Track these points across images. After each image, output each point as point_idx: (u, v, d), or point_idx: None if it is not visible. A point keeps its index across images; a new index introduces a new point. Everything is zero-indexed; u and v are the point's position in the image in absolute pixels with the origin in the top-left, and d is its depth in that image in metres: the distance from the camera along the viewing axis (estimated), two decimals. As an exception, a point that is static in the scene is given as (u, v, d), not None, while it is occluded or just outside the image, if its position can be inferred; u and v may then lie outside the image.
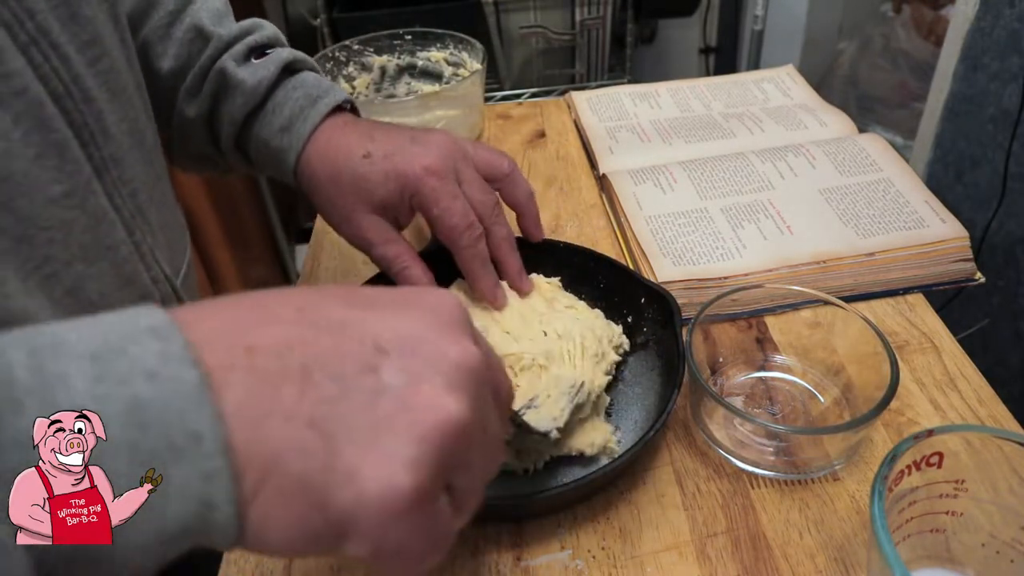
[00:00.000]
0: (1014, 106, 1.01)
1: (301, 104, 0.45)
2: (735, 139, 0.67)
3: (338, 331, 0.22)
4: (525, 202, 0.47)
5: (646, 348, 0.46)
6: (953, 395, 0.45)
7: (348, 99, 0.47)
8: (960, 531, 0.35)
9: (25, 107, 0.29)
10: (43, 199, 0.30)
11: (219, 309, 0.22)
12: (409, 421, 0.21)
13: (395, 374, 0.22)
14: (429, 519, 0.22)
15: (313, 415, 0.21)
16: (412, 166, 0.41)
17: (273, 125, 0.45)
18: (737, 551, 0.37)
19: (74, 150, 0.32)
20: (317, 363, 0.21)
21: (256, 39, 0.47)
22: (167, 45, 0.46)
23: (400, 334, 0.23)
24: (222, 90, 0.46)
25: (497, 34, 1.34)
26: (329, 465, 0.20)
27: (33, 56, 0.30)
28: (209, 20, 0.47)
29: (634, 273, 0.48)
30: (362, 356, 0.22)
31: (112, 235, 0.35)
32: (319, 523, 0.21)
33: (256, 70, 0.45)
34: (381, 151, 0.42)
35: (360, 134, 0.44)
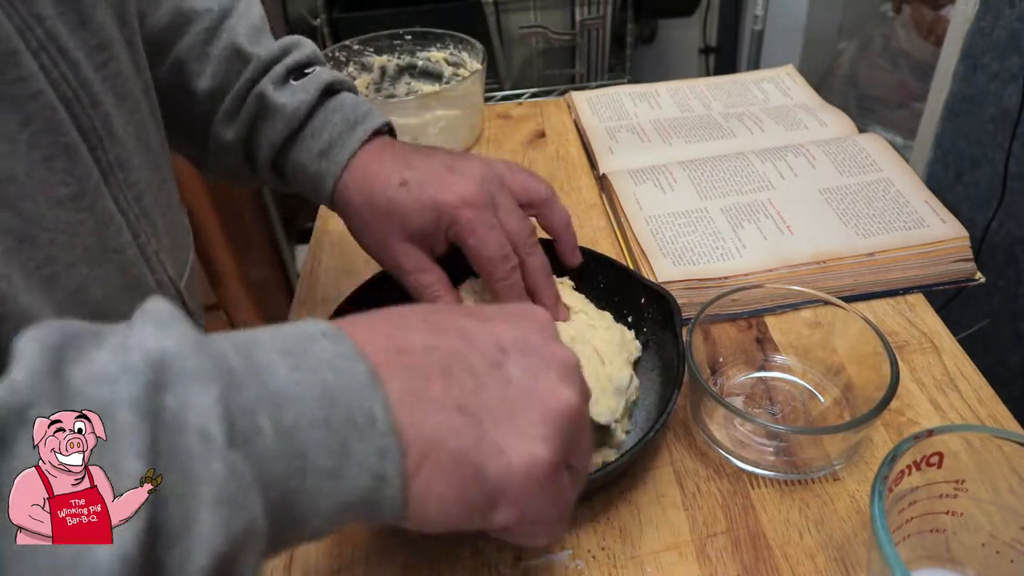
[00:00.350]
0: (1014, 106, 1.01)
1: (340, 129, 0.45)
2: (735, 139, 0.67)
3: (465, 335, 0.27)
4: (562, 229, 0.47)
5: (646, 348, 0.46)
6: (953, 395, 0.45)
7: (386, 122, 0.46)
8: (960, 531, 0.35)
9: (36, 110, 0.30)
10: (49, 201, 0.30)
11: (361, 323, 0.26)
12: (537, 405, 0.26)
13: (517, 368, 0.26)
14: (560, 489, 0.26)
15: (459, 402, 0.25)
16: (449, 196, 0.41)
17: (312, 150, 0.45)
18: (737, 551, 0.37)
19: (82, 153, 0.32)
20: (454, 360, 0.26)
21: (296, 59, 0.46)
22: (204, 64, 0.46)
23: (515, 337, 0.28)
24: (261, 114, 0.46)
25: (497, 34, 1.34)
26: (479, 442, 0.24)
27: (44, 61, 0.30)
28: (247, 38, 0.46)
29: (634, 273, 0.48)
30: (488, 354, 0.26)
31: (118, 238, 0.35)
32: (474, 492, 0.24)
33: (295, 93, 0.45)
34: (417, 180, 0.42)
35: (397, 161, 0.44)
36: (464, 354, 0.26)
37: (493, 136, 0.73)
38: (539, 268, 0.44)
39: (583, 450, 0.28)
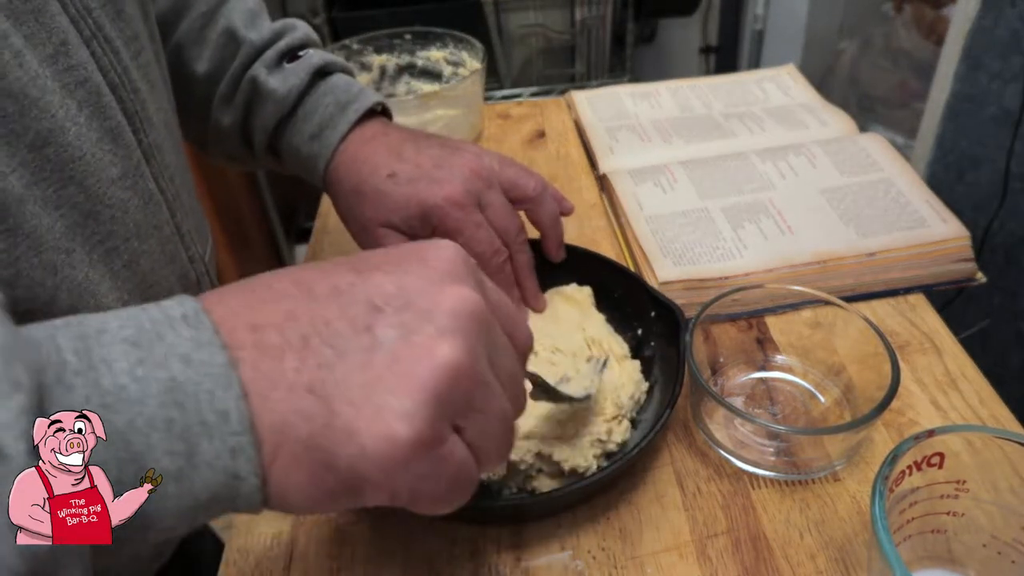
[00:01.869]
0: (1015, 106, 1.01)
1: (331, 111, 0.45)
2: (736, 139, 0.67)
3: (336, 296, 0.24)
4: (550, 225, 0.47)
5: (652, 361, 0.46)
6: (954, 395, 0.45)
7: (379, 101, 0.47)
8: (961, 532, 0.35)
9: (87, 95, 0.32)
10: (106, 179, 0.32)
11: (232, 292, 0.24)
12: (400, 373, 0.22)
13: (388, 330, 0.23)
14: (438, 463, 0.23)
15: (311, 381, 0.22)
16: (434, 196, 0.42)
17: (304, 132, 0.46)
18: (737, 552, 0.37)
19: (127, 136, 0.34)
20: (314, 331, 0.23)
21: (288, 43, 0.47)
22: (201, 48, 0.47)
23: (395, 290, 0.24)
24: (254, 98, 0.47)
25: (497, 33, 1.34)
26: (329, 426, 0.22)
27: (95, 49, 0.33)
28: (242, 22, 0.47)
29: (645, 283, 0.47)
30: (357, 318, 0.23)
31: (158, 215, 0.37)
32: (332, 481, 0.22)
33: (287, 77, 0.46)
34: (406, 174, 0.43)
35: (389, 150, 0.44)
36: (329, 321, 0.23)
37: (493, 136, 0.73)
38: (523, 265, 0.46)
39: (484, 410, 0.25)
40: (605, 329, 0.47)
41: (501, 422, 0.25)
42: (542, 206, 0.46)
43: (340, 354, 0.23)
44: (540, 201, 0.46)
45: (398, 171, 0.43)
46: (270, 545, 0.39)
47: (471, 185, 0.42)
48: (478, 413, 0.24)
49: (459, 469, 0.24)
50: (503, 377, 0.26)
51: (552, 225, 0.47)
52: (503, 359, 0.26)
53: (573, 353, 0.44)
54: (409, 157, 0.44)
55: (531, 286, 0.47)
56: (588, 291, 0.49)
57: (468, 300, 0.24)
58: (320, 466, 0.22)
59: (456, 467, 0.24)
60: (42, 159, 0.29)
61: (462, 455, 0.24)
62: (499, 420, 0.25)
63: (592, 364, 0.43)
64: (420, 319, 0.23)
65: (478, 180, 0.43)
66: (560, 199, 0.48)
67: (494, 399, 0.25)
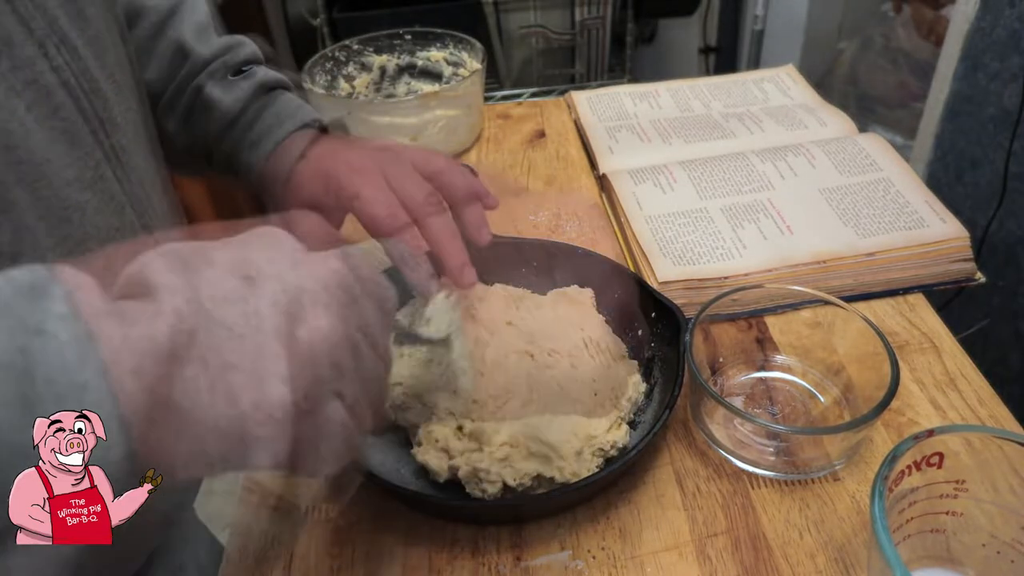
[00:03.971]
0: (1014, 106, 1.01)
1: (270, 123, 0.47)
2: (735, 139, 0.67)
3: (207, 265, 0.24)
4: (463, 199, 0.42)
5: (651, 363, 0.46)
6: (953, 395, 0.45)
7: (317, 118, 0.48)
8: (960, 531, 0.35)
9: (36, 96, 0.31)
10: (60, 182, 0.32)
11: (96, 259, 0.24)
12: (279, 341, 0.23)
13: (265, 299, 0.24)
14: (317, 426, 0.24)
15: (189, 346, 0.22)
16: (336, 164, 0.43)
17: (243, 142, 0.47)
18: (737, 551, 0.37)
19: (84, 136, 0.34)
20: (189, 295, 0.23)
21: (236, 57, 0.48)
22: (149, 58, 0.48)
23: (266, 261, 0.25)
24: (198, 108, 0.48)
25: (497, 34, 1.34)
26: (212, 389, 0.22)
27: (48, 49, 0.32)
28: (192, 36, 0.48)
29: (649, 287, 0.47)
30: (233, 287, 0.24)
31: (121, 218, 0.36)
32: (216, 444, 0.22)
33: (231, 89, 0.47)
34: (315, 153, 0.45)
35: (306, 141, 0.46)
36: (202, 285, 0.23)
37: (493, 136, 0.73)
38: (440, 229, 0.41)
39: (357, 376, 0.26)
40: (603, 330, 0.47)
41: (376, 388, 0.27)
42: (450, 176, 0.42)
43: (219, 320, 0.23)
44: (448, 176, 0.42)
45: (308, 152, 0.45)
46: (270, 545, 0.39)
47: (374, 156, 0.43)
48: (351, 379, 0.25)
49: (340, 433, 0.25)
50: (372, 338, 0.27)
51: (465, 201, 0.42)
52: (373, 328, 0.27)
53: (569, 353, 0.44)
54: (322, 143, 0.45)
55: (453, 255, 0.41)
56: (590, 293, 0.49)
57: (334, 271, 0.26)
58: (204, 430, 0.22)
59: (337, 431, 0.25)
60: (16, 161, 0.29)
61: (340, 420, 0.25)
62: (374, 386, 0.27)
63: (444, 302, 0.41)
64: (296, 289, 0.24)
65: (382, 152, 0.43)
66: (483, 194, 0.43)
67: (366, 361, 0.26)
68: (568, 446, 0.39)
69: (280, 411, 0.23)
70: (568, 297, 0.49)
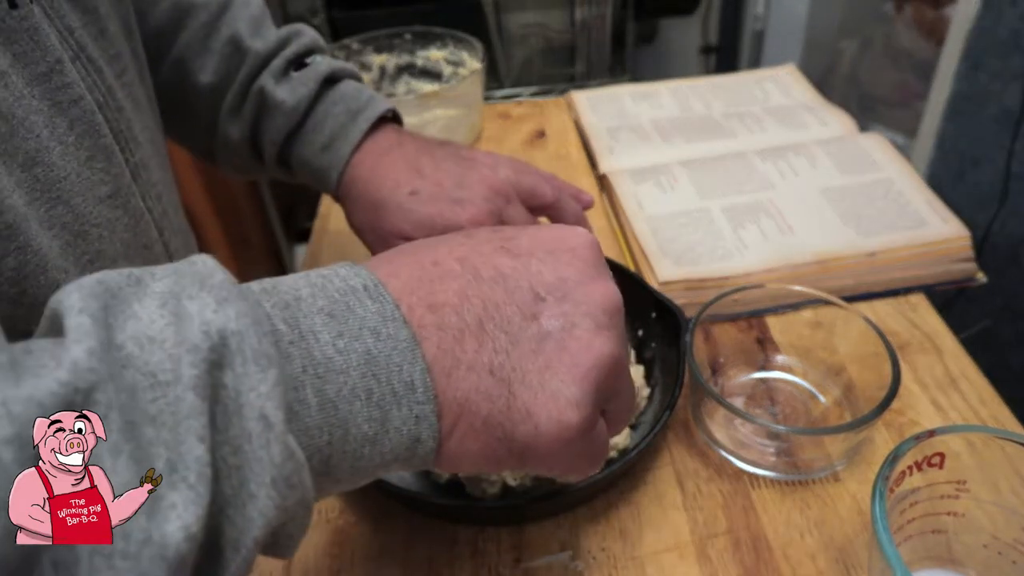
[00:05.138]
0: (1016, 105, 1.01)
1: (342, 120, 0.45)
2: (736, 139, 0.67)
3: (501, 280, 0.26)
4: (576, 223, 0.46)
5: (651, 363, 0.46)
6: (955, 395, 0.45)
7: (390, 108, 0.46)
8: (962, 532, 0.35)
9: (79, 114, 0.32)
10: (93, 198, 0.32)
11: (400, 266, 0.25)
12: (568, 363, 0.25)
13: (552, 320, 0.26)
14: (591, 443, 0.26)
15: (492, 364, 0.24)
16: (458, 218, 0.41)
17: (315, 144, 0.45)
18: (738, 552, 0.37)
19: (116, 154, 0.34)
20: (488, 315, 0.25)
21: (295, 50, 0.46)
22: (205, 59, 0.46)
23: (554, 280, 0.26)
24: (263, 110, 0.46)
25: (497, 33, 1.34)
26: (509, 406, 0.24)
27: (79, 69, 0.32)
28: (247, 31, 0.46)
29: (649, 287, 0.47)
30: (524, 304, 0.26)
31: (147, 234, 0.37)
32: (504, 452, 0.25)
33: (295, 87, 0.45)
34: (428, 192, 0.42)
35: (407, 164, 0.44)
36: (500, 306, 0.25)
37: (493, 135, 0.73)
38: None
39: (621, 393, 0.28)
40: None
41: (628, 402, 0.29)
42: (563, 210, 0.45)
43: (513, 340, 0.25)
44: (560, 206, 0.45)
45: (419, 188, 0.43)
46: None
47: (492, 204, 0.42)
48: (617, 396, 0.28)
49: (602, 444, 0.28)
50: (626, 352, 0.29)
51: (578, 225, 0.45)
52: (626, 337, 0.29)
53: None
54: (428, 174, 0.43)
55: None
56: None
57: (612, 294, 0.27)
58: (495, 440, 0.24)
59: (601, 444, 0.27)
60: (32, 179, 0.29)
61: (604, 432, 0.28)
62: (627, 401, 0.29)
63: None
64: (578, 312, 0.26)
65: (498, 197, 0.43)
66: (577, 194, 0.47)
67: (629, 381, 0.28)
68: None
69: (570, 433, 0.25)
70: None
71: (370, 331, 0.23)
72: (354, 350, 0.22)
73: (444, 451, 0.24)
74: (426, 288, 0.25)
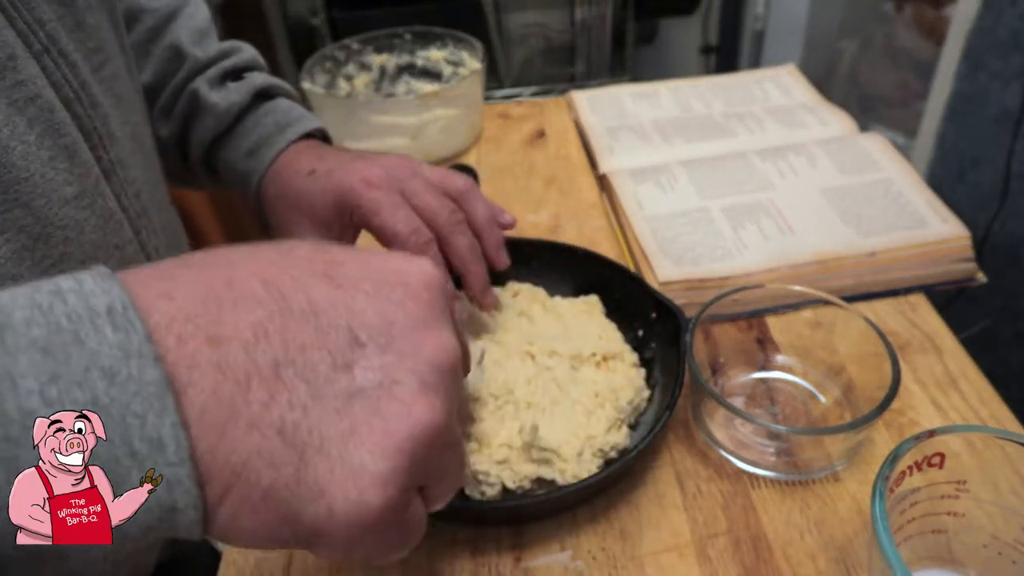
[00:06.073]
0: (1016, 105, 1.01)
1: (270, 131, 0.46)
2: (736, 138, 0.67)
3: (312, 318, 0.21)
4: (484, 224, 0.42)
5: (651, 364, 0.46)
6: (955, 395, 0.45)
7: (319, 127, 0.47)
8: (962, 532, 0.35)
9: (37, 112, 0.30)
10: (58, 199, 0.31)
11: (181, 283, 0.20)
12: (381, 431, 0.20)
13: (368, 373, 0.21)
14: (399, 527, 0.22)
15: (283, 421, 0.20)
16: (350, 179, 0.40)
17: (240, 149, 0.46)
18: (738, 552, 0.37)
19: (83, 153, 0.33)
20: (288, 358, 0.20)
21: (234, 63, 0.47)
22: (145, 61, 0.47)
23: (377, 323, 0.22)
24: (194, 112, 0.47)
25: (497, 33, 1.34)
26: (298, 478, 0.20)
27: (46, 64, 0.31)
28: (189, 40, 0.47)
29: (649, 287, 0.47)
30: (337, 350, 0.21)
31: (119, 234, 0.35)
32: (287, 534, 0.20)
33: (228, 94, 0.46)
34: (325, 168, 0.42)
35: (313, 155, 0.44)
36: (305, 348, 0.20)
37: (493, 135, 0.73)
38: (466, 248, 0.41)
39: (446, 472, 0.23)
40: (606, 331, 0.46)
41: (456, 478, 0.25)
42: (471, 203, 0.42)
43: (315, 393, 0.20)
44: (469, 198, 0.42)
45: (317, 167, 0.42)
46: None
47: (391, 172, 0.41)
48: (440, 474, 0.23)
49: (415, 526, 0.23)
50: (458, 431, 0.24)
51: (486, 225, 0.43)
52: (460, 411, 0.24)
53: (570, 355, 0.44)
54: (329, 156, 0.43)
55: (477, 275, 0.42)
56: (595, 298, 0.49)
57: (448, 349, 0.23)
58: (277, 517, 0.20)
59: (413, 525, 0.23)
60: None
61: (419, 512, 0.23)
62: (455, 477, 0.25)
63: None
64: (402, 366, 0.21)
65: (401, 170, 0.41)
66: (499, 211, 0.44)
67: (458, 454, 0.24)
68: (568, 447, 0.39)
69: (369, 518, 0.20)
70: (573, 301, 0.49)
71: (101, 372, 0.17)
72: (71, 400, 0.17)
73: (216, 521, 0.20)
74: (211, 315, 0.19)
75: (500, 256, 0.44)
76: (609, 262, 0.49)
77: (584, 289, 0.49)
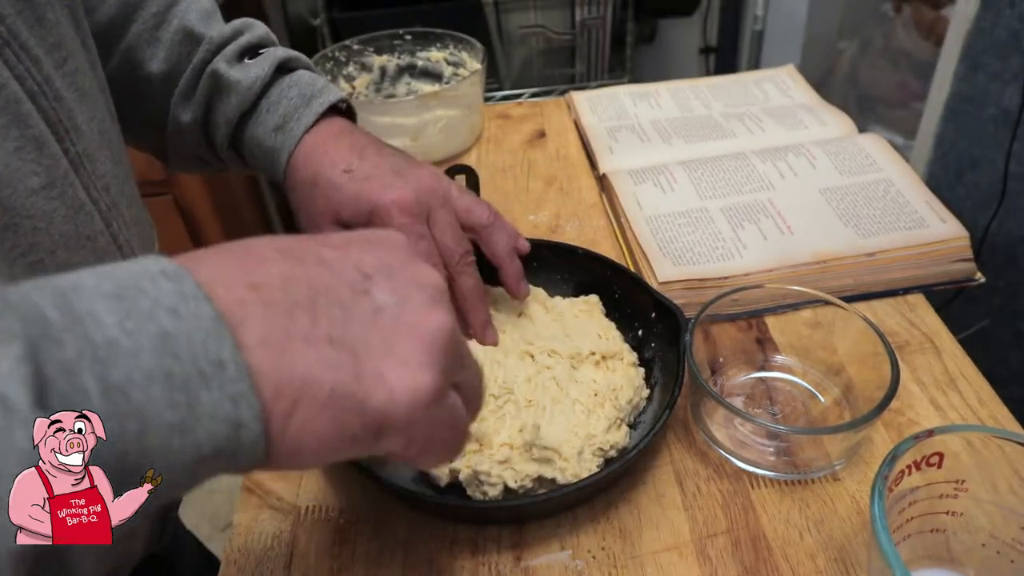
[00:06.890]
0: (1014, 106, 1.01)
1: (295, 103, 0.45)
2: (735, 139, 0.67)
3: (324, 263, 0.25)
4: (505, 256, 0.45)
5: (651, 363, 0.46)
6: (953, 395, 0.45)
7: (343, 98, 0.47)
8: (960, 531, 0.35)
9: (4, 103, 0.31)
10: (24, 190, 0.32)
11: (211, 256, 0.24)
12: (411, 330, 0.24)
13: (385, 294, 0.25)
14: (447, 411, 0.25)
15: (331, 334, 0.23)
16: (384, 197, 0.41)
17: (267, 124, 0.45)
18: (737, 551, 0.37)
19: (51, 145, 0.33)
20: (317, 292, 0.24)
21: (248, 39, 0.47)
22: (156, 48, 0.46)
23: (376, 263, 0.26)
24: (216, 92, 0.46)
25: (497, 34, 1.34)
26: (356, 373, 0.23)
27: (8, 57, 0.31)
28: (198, 21, 0.47)
29: (649, 287, 0.47)
30: (353, 281, 0.25)
31: (90, 226, 0.36)
32: (357, 426, 0.23)
33: (250, 69, 0.45)
34: (363, 172, 0.43)
35: (351, 147, 0.44)
36: (328, 283, 0.24)
37: (493, 136, 0.73)
38: (471, 289, 0.44)
39: (468, 367, 0.27)
40: (605, 331, 0.46)
41: (476, 379, 0.29)
42: (495, 235, 0.45)
43: (348, 313, 0.24)
44: (493, 230, 0.44)
45: (355, 167, 0.43)
46: (270, 545, 0.39)
47: (424, 197, 0.42)
48: (465, 369, 0.27)
49: (459, 421, 0.27)
50: None
51: (507, 256, 0.45)
52: None
53: (570, 354, 0.44)
54: (370, 157, 0.43)
55: (478, 316, 0.45)
56: (595, 298, 0.49)
57: (439, 279, 0.27)
58: (348, 413, 0.23)
59: (458, 419, 0.26)
60: None
61: (460, 407, 0.27)
62: (475, 377, 0.28)
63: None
64: (410, 287, 0.25)
65: (432, 196, 0.42)
66: (515, 235, 0.46)
67: (474, 363, 0.28)
68: (568, 446, 0.39)
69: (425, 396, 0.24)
70: (573, 301, 0.49)
71: (166, 311, 0.20)
72: (145, 331, 0.20)
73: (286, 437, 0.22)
74: (243, 272, 0.23)
75: (520, 287, 0.47)
76: (609, 262, 0.49)
77: (584, 289, 0.50)
